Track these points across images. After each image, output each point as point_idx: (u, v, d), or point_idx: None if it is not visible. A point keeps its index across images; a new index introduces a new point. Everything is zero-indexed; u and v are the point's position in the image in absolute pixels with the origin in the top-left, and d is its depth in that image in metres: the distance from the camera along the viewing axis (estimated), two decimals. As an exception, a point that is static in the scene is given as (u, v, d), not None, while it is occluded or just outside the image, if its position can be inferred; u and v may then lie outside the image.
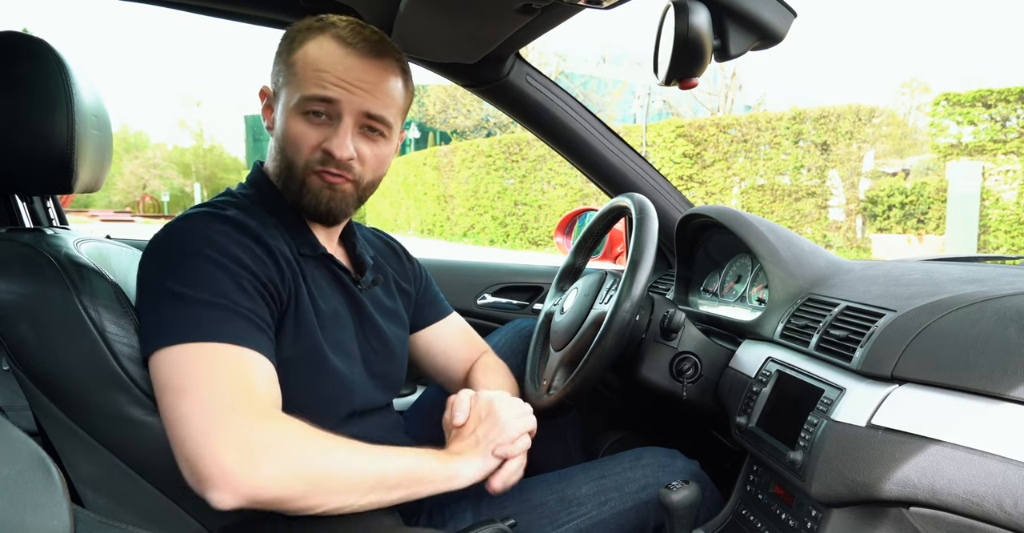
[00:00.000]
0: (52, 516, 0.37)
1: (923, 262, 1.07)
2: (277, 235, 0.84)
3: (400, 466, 0.77)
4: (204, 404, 0.67)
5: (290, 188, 0.87)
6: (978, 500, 0.59)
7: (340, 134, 0.82)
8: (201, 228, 0.78)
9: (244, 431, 0.67)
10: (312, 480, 0.69)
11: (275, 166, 0.88)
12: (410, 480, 0.77)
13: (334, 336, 0.86)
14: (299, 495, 0.68)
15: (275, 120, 0.86)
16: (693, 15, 0.74)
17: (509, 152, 14.76)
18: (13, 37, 0.80)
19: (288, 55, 0.84)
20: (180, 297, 0.72)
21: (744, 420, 0.92)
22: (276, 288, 0.79)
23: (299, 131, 0.83)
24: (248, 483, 0.65)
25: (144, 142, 42.82)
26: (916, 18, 73.58)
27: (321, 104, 0.82)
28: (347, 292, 0.92)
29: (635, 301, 0.95)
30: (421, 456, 0.80)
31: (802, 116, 11.16)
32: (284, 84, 0.84)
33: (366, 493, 0.73)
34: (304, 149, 0.83)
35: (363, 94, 0.82)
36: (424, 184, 18.03)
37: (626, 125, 16.13)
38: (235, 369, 0.70)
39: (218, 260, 0.74)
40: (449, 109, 24.03)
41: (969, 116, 9.50)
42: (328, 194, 0.86)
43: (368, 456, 0.75)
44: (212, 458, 0.65)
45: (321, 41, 0.82)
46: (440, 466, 0.80)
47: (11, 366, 0.72)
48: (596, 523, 0.94)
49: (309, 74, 0.81)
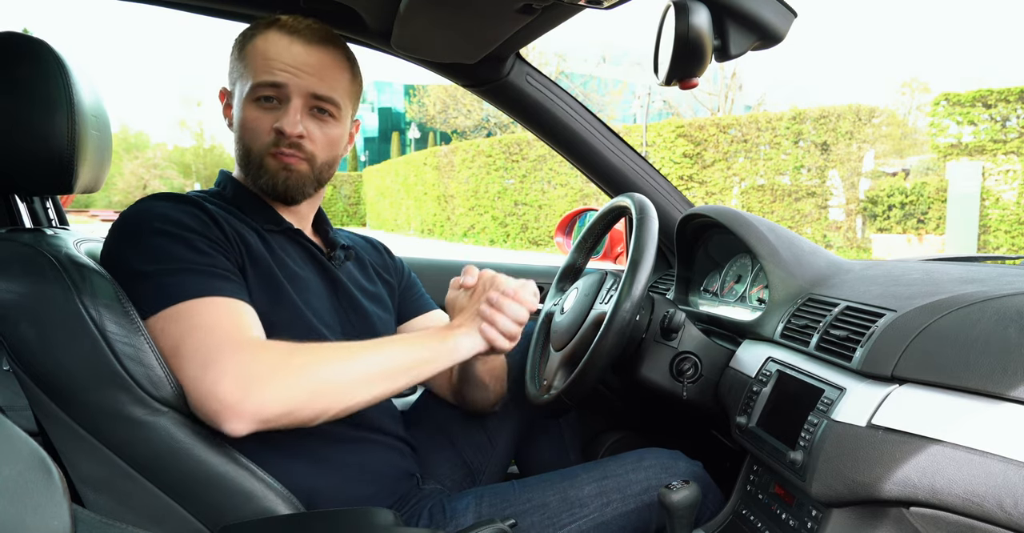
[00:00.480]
0: (52, 516, 0.37)
1: (923, 262, 1.07)
2: (229, 214, 0.89)
3: (399, 353, 0.81)
4: (193, 354, 0.73)
5: (250, 173, 0.92)
6: (978, 500, 0.59)
7: (289, 113, 0.88)
8: (147, 207, 0.83)
9: (234, 363, 0.72)
10: (311, 387, 0.74)
11: (237, 157, 0.94)
12: (411, 364, 0.82)
13: (307, 298, 0.90)
14: (303, 404, 0.73)
15: (233, 115, 0.93)
16: (693, 15, 0.74)
17: (509, 152, 14.76)
18: (13, 38, 0.80)
19: (240, 52, 0.92)
20: (145, 274, 0.77)
21: (744, 420, 0.92)
22: (222, 243, 0.84)
23: (253, 116, 0.89)
24: (250, 407, 0.70)
25: (144, 142, 42.87)
26: (916, 18, 73.57)
27: (271, 89, 0.88)
28: (318, 263, 0.98)
29: (635, 301, 0.95)
30: (418, 339, 0.84)
31: (802, 116, 11.16)
32: (238, 78, 0.91)
33: (371, 387, 0.78)
34: (259, 133, 0.90)
35: (308, 77, 0.89)
36: (424, 184, 18.03)
37: (626, 125, 16.13)
38: (210, 317, 0.75)
39: (166, 230, 0.80)
40: (449, 109, 24.05)
41: (969, 116, 9.50)
42: (284, 174, 0.91)
43: (365, 351, 0.79)
44: (213, 395, 0.70)
45: (267, 34, 0.90)
46: (439, 344, 0.84)
47: (11, 366, 0.72)
48: (598, 524, 0.94)
49: (259, 63, 0.88)
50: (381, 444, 0.97)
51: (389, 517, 0.74)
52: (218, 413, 0.70)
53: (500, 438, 1.18)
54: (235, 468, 0.73)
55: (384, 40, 1.18)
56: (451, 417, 1.16)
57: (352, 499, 0.89)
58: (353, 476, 0.91)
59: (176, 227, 0.80)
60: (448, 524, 0.93)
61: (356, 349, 0.80)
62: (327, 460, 0.88)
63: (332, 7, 1.06)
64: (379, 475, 0.95)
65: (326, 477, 0.87)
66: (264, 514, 0.74)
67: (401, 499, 0.97)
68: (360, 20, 1.12)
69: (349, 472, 0.90)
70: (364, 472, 0.92)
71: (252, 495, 0.74)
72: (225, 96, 0.97)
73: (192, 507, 0.74)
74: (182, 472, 0.72)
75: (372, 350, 0.81)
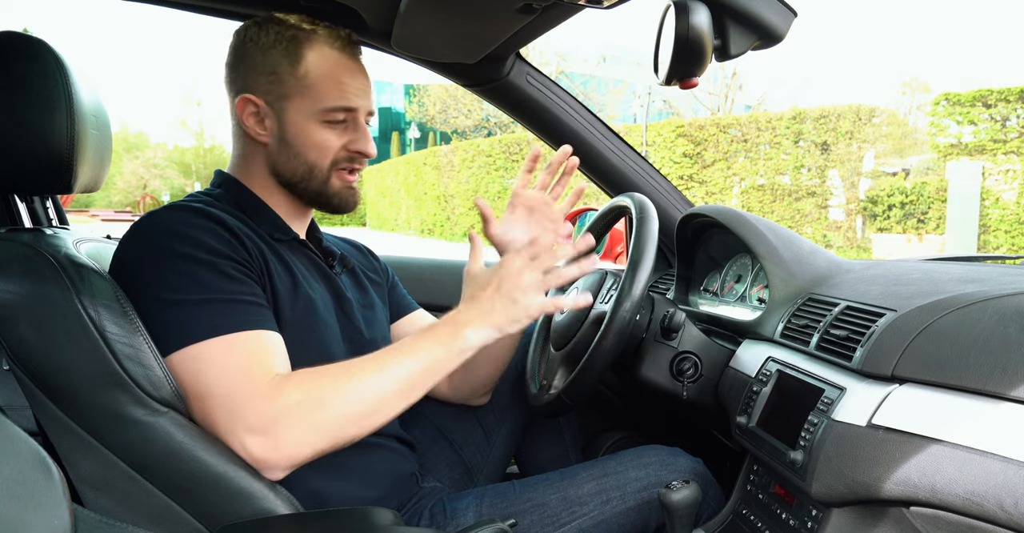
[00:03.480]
0: (52, 516, 0.37)
1: (923, 262, 1.07)
2: (242, 224, 0.87)
3: (409, 366, 0.80)
4: (218, 406, 0.73)
5: (309, 188, 0.92)
6: (978, 500, 0.59)
7: (367, 136, 0.92)
8: (167, 223, 0.81)
9: (255, 416, 0.72)
10: (336, 422, 0.75)
11: (290, 170, 0.91)
12: (424, 375, 0.80)
13: (322, 314, 0.90)
14: (332, 438, 0.75)
15: (277, 127, 0.89)
16: (693, 15, 0.74)
17: (509, 152, 14.76)
18: (12, 37, 0.80)
19: (290, 65, 0.87)
20: (171, 303, 0.76)
21: (744, 420, 0.92)
22: (249, 264, 0.83)
23: (324, 137, 0.89)
24: (283, 457, 0.73)
25: (144, 142, 42.81)
26: (916, 18, 73.59)
27: (344, 112, 0.89)
28: (324, 275, 0.97)
29: (635, 301, 0.95)
30: (425, 349, 0.81)
31: (802, 116, 11.16)
32: (292, 94, 0.88)
33: (394, 405, 0.79)
34: (330, 151, 0.90)
35: (367, 96, 0.92)
36: (424, 184, 18.03)
37: (626, 125, 16.12)
38: (237, 357, 0.74)
39: (193, 255, 0.77)
40: (449, 109, 24.04)
41: (969, 116, 9.50)
42: (349, 192, 0.95)
43: (377, 377, 0.78)
44: (245, 451, 0.73)
45: (321, 50, 0.88)
46: (447, 349, 0.81)
47: (11, 366, 0.72)
48: (598, 523, 0.94)
49: (327, 86, 0.88)
50: (384, 447, 0.97)
51: (389, 517, 0.74)
52: (257, 464, 0.74)
53: (498, 437, 1.18)
54: (235, 468, 0.73)
55: (384, 40, 1.18)
56: (449, 415, 1.17)
57: (358, 503, 0.89)
58: (359, 480, 0.91)
59: (204, 251, 0.78)
60: (449, 524, 0.93)
61: (369, 371, 0.78)
62: (332, 465, 0.88)
63: (332, 7, 1.06)
64: (384, 478, 0.95)
65: (332, 481, 0.87)
66: (264, 514, 0.74)
67: (403, 499, 0.97)
68: (360, 19, 1.12)
69: (354, 475, 0.90)
70: (369, 475, 0.92)
71: (252, 495, 0.74)
72: (248, 104, 0.89)
73: (192, 507, 0.74)
74: (182, 472, 0.72)
75: (384, 369, 0.78)
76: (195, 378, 0.74)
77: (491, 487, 0.99)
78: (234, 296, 0.77)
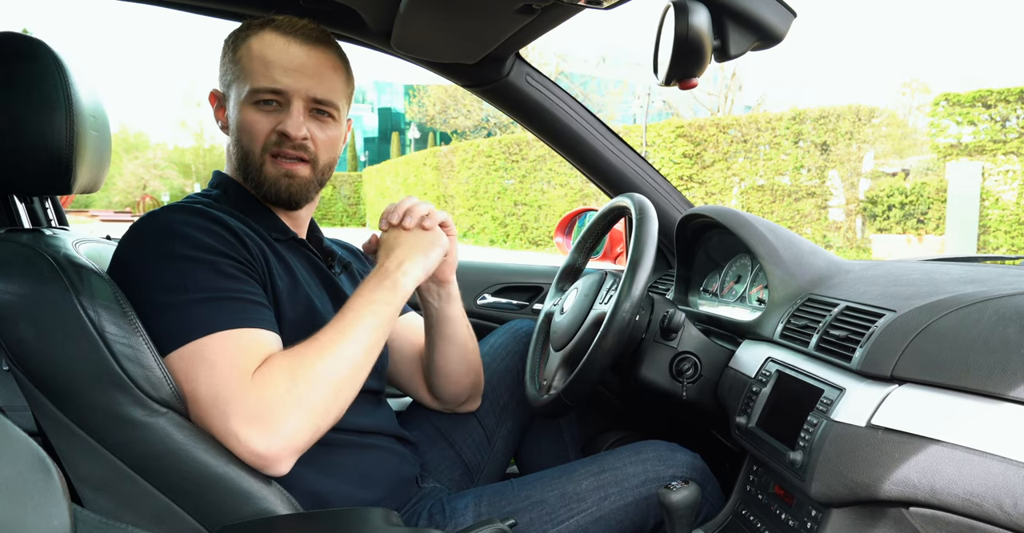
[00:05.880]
0: (52, 516, 0.37)
1: (923, 262, 1.07)
2: (243, 224, 0.87)
3: (369, 331, 0.80)
4: (211, 407, 0.73)
5: (250, 177, 0.91)
6: (978, 500, 0.59)
7: (293, 115, 0.88)
8: (167, 224, 0.81)
9: (248, 412, 0.72)
10: (328, 399, 0.75)
11: (234, 158, 0.93)
12: (382, 331, 0.82)
13: (322, 315, 0.89)
14: (327, 415, 0.76)
15: (228, 117, 0.92)
16: (693, 15, 0.74)
17: (509, 152, 14.76)
18: (11, 38, 0.80)
19: (233, 54, 0.90)
20: (170, 303, 0.76)
21: (744, 420, 0.92)
22: (251, 264, 0.83)
23: (252, 119, 0.88)
24: (284, 447, 0.72)
25: (144, 142, 42.77)
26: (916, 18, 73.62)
27: (271, 93, 0.87)
28: (324, 276, 0.97)
29: (635, 301, 0.95)
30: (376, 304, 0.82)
31: (802, 116, 11.15)
32: (232, 81, 0.90)
33: (365, 368, 0.80)
34: (259, 135, 0.89)
35: (307, 80, 0.88)
36: (424, 184, 18.03)
37: (626, 125, 16.14)
38: (229, 354, 0.74)
39: (192, 255, 0.77)
40: (449, 109, 24.05)
41: (969, 116, 9.50)
42: (286, 181, 0.91)
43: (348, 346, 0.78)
44: (245, 449, 0.72)
45: (263, 36, 0.88)
46: (393, 296, 0.84)
47: (10, 366, 0.72)
48: (596, 519, 0.94)
49: (257, 67, 0.87)
50: (384, 448, 0.97)
51: (388, 517, 0.74)
52: (260, 466, 0.73)
53: (498, 437, 1.18)
54: (234, 468, 0.73)
55: (384, 40, 1.18)
56: (449, 416, 1.17)
57: (358, 504, 0.89)
58: (359, 480, 0.91)
59: (204, 251, 0.78)
60: (448, 524, 0.93)
61: (339, 341, 0.78)
62: (333, 467, 0.88)
63: (332, 7, 1.06)
64: (384, 479, 0.95)
65: (332, 482, 0.87)
66: (263, 514, 0.74)
67: (403, 500, 0.97)
68: (360, 20, 1.12)
69: (354, 476, 0.90)
70: (369, 476, 0.92)
71: (252, 495, 0.74)
72: (216, 98, 0.95)
73: (191, 507, 0.74)
74: (181, 473, 0.72)
75: (350, 336, 0.79)
76: (189, 377, 0.73)
77: (489, 486, 1.00)
78: (233, 294, 0.77)
